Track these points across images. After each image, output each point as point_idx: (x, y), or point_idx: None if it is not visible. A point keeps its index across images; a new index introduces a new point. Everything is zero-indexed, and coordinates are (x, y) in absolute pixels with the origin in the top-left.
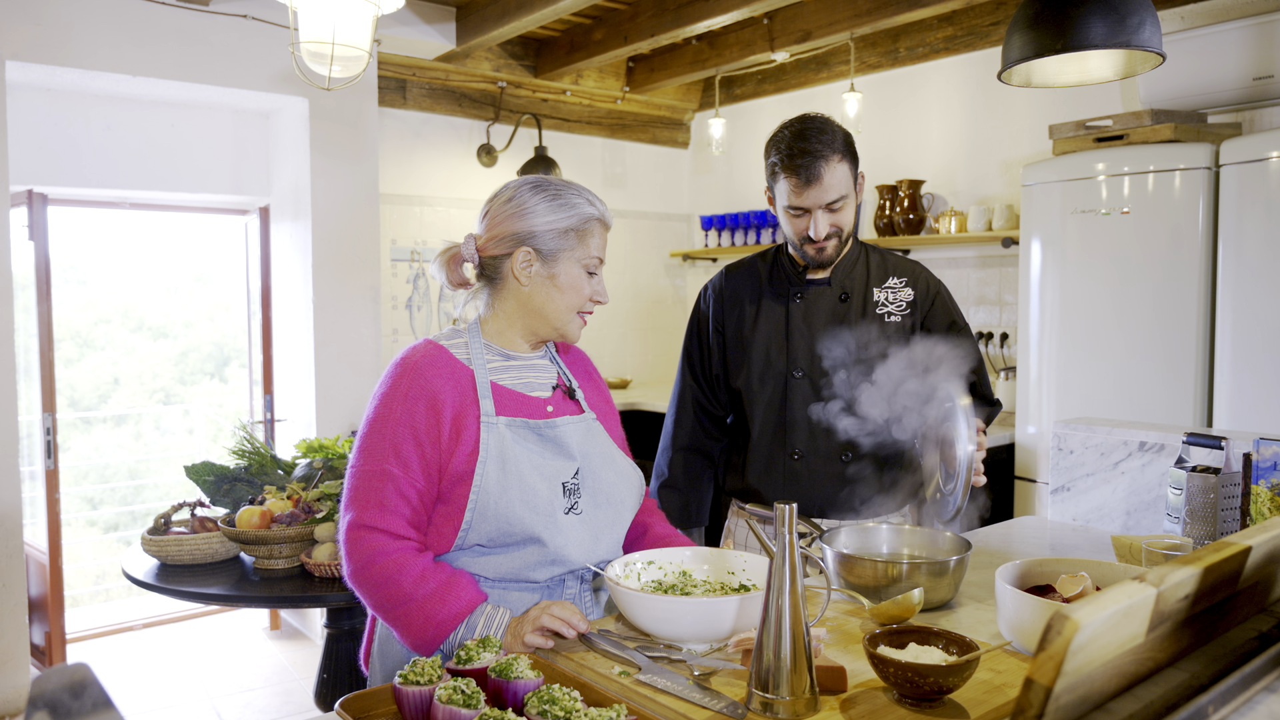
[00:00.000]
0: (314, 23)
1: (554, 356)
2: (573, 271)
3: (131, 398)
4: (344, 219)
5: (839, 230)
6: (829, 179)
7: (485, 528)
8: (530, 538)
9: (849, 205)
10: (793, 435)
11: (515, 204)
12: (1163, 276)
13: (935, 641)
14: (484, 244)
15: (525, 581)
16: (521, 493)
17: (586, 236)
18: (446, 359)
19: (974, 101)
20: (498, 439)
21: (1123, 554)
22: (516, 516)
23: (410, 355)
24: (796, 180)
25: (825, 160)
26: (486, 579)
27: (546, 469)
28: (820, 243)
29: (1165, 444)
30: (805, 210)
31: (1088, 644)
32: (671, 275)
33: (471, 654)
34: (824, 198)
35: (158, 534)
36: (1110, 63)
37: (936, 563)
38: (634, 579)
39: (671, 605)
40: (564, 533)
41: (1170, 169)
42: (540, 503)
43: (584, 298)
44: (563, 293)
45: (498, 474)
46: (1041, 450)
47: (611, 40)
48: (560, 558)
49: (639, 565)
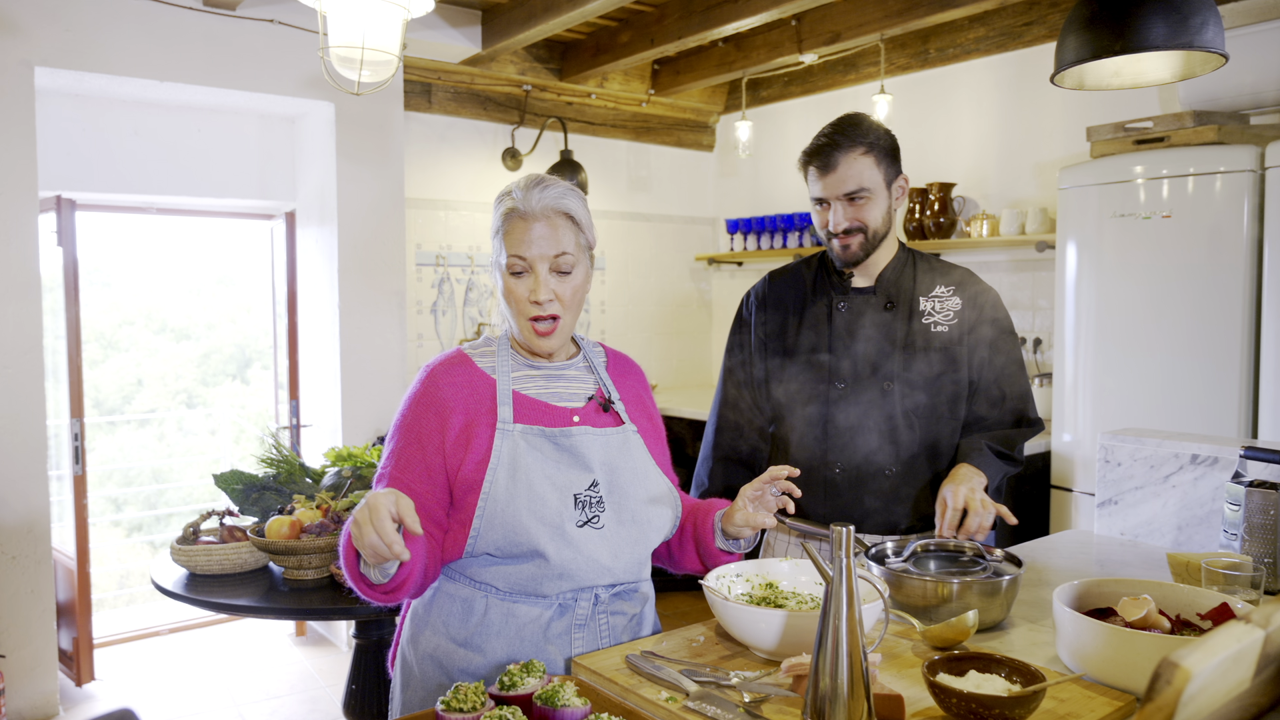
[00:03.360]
0: (343, 27)
1: (595, 366)
2: (501, 277)
3: (155, 399)
4: (369, 223)
5: (862, 226)
6: (845, 169)
7: (493, 536)
8: (535, 550)
9: (873, 203)
10: (834, 448)
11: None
12: (1205, 282)
13: (998, 670)
14: None
15: (535, 595)
16: (529, 501)
17: (505, 235)
18: (467, 367)
19: (1006, 103)
20: (511, 446)
21: (1179, 572)
22: (522, 526)
23: (432, 362)
24: (815, 169)
25: (845, 150)
26: (497, 589)
27: (559, 479)
28: (843, 238)
29: (1219, 457)
30: (826, 200)
31: (1198, 694)
32: (696, 279)
33: (515, 679)
34: (840, 188)
35: (187, 543)
36: (1168, 64)
37: (988, 582)
38: (726, 591)
39: (794, 620)
40: (573, 546)
41: (1212, 172)
42: (548, 513)
43: (520, 302)
44: (502, 302)
45: (507, 481)
46: (1078, 459)
47: (638, 43)
48: (567, 572)
49: (729, 578)
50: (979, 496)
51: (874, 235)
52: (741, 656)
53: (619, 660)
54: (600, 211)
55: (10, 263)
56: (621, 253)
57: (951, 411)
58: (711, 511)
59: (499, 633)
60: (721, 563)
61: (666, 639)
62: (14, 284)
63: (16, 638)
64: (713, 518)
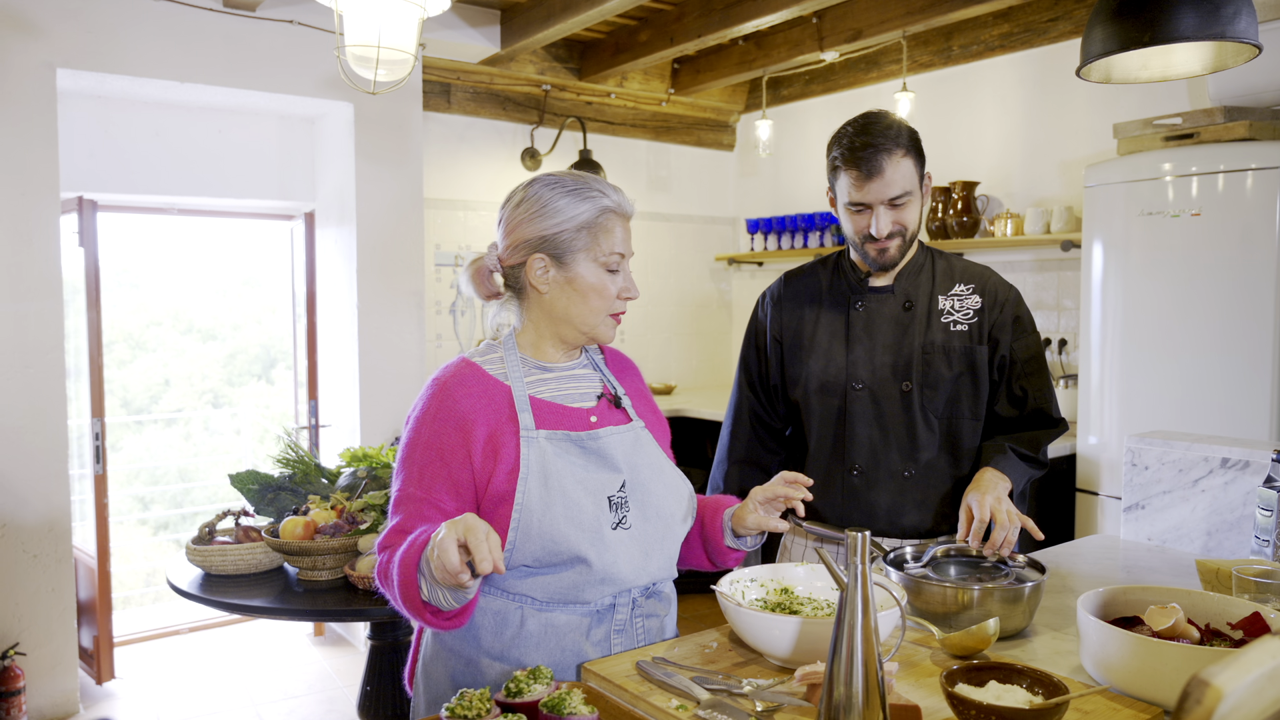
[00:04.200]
0: (359, 26)
1: (597, 364)
2: (592, 272)
3: (182, 398)
4: (388, 224)
5: (903, 229)
6: (891, 173)
7: (530, 547)
8: (577, 556)
9: (913, 204)
10: (852, 450)
11: (526, 206)
12: (1235, 281)
13: (1019, 680)
14: (504, 253)
15: (575, 603)
16: (566, 509)
17: (601, 231)
18: (479, 377)
19: (1031, 100)
20: (539, 454)
21: (1208, 579)
22: (561, 534)
23: (441, 375)
24: (858, 173)
25: (888, 153)
26: (535, 600)
27: (591, 483)
28: (882, 242)
29: (1250, 461)
30: (866, 206)
31: (1230, 714)
32: (716, 279)
33: (522, 686)
34: (886, 192)
35: (202, 543)
36: (1199, 56)
37: (1010, 589)
38: (740, 596)
39: (809, 626)
40: (612, 549)
41: (1243, 169)
42: (586, 519)
43: (610, 298)
44: (584, 296)
45: (540, 490)
46: (1104, 461)
47: (657, 42)
48: (610, 576)
49: (744, 583)
50: (1005, 508)
51: (911, 237)
52: (755, 663)
53: (629, 666)
54: None
55: (32, 263)
56: (641, 253)
57: (972, 412)
58: (721, 509)
59: (538, 644)
60: (729, 561)
61: (679, 644)
62: (36, 284)
63: (37, 636)
64: (722, 516)
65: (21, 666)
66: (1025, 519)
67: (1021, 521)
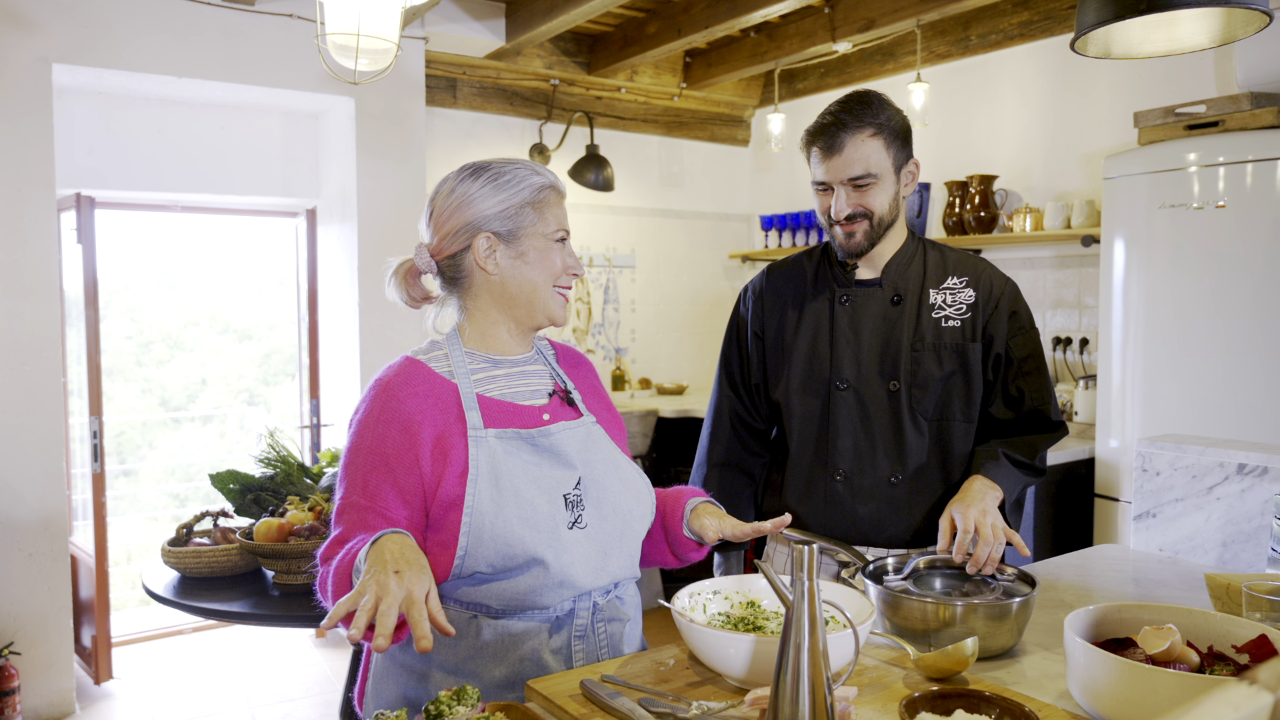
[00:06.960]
0: (340, 13)
1: (548, 360)
2: (540, 245)
3: (218, 397)
4: (390, 221)
5: (866, 212)
6: (851, 151)
7: (484, 553)
8: (533, 559)
9: (880, 187)
10: (835, 453)
11: (459, 194)
12: (1263, 276)
13: (988, 710)
14: (437, 246)
15: (533, 609)
16: (519, 509)
17: (544, 207)
18: (424, 375)
19: (1051, 91)
20: (488, 454)
21: (1218, 595)
22: (516, 536)
23: (384, 375)
24: (818, 150)
25: (852, 132)
26: (490, 608)
27: (545, 481)
28: (846, 225)
29: (1269, 466)
30: (829, 185)
31: None
32: (730, 277)
33: (443, 708)
34: (845, 171)
35: (178, 544)
36: (1205, 26)
37: (996, 604)
38: (699, 611)
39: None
40: (568, 550)
41: (1272, 158)
42: (541, 519)
43: (558, 270)
44: (534, 268)
45: (491, 492)
46: (1124, 466)
47: (665, 33)
48: (568, 578)
49: (705, 595)
50: (990, 521)
51: (879, 223)
52: (712, 683)
53: (575, 685)
54: (631, 208)
55: (29, 260)
56: (653, 250)
57: (964, 414)
58: (682, 499)
59: (496, 654)
60: (689, 552)
61: (633, 661)
62: (32, 282)
63: (32, 635)
64: (683, 505)
65: (16, 666)
66: (1012, 534)
67: (1008, 537)
